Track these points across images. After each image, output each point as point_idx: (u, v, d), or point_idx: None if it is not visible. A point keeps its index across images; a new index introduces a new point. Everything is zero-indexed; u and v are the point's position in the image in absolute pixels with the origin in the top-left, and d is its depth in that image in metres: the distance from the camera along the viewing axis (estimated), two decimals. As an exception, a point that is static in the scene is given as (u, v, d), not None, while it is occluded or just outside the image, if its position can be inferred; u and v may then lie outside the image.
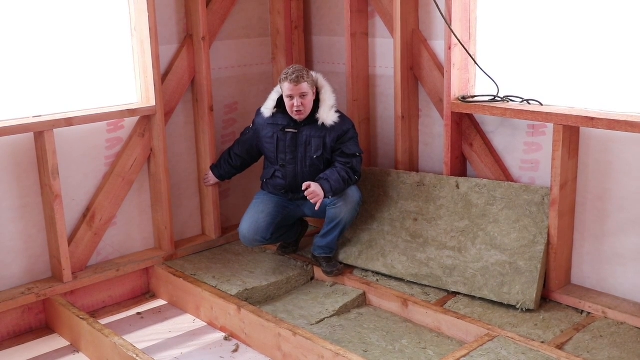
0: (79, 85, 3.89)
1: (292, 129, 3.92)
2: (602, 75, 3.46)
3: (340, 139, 3.89)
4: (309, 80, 3.81)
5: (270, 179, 4.08)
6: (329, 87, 3.95)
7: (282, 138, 3.94)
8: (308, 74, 3.84)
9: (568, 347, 3.19)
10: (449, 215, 3.90)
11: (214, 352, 3.56)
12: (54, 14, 3.74)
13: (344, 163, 3.89)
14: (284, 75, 3.81)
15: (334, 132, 3.87)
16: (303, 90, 3.78)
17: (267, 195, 4.11)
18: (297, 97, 3.79)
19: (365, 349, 3.36)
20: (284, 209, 4.08)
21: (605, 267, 3.57)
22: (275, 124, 3.97)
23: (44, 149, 3.64)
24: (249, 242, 4.01)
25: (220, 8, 4.36)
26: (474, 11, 3.87)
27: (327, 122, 3.86)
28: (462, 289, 3.70)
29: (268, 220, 3.99)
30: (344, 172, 3.85)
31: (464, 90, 3.95)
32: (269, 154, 4.06)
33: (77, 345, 3.61)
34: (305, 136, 3.90)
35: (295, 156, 3.94)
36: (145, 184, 4.23)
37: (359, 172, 3.94)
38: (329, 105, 3.89)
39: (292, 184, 4.01)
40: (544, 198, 3.62)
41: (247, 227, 3.99)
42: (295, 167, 3.97)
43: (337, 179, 3.82)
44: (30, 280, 3.85)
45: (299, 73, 3.78)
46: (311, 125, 3.90)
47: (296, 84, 3.76)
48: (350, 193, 3.92)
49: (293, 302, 3.90)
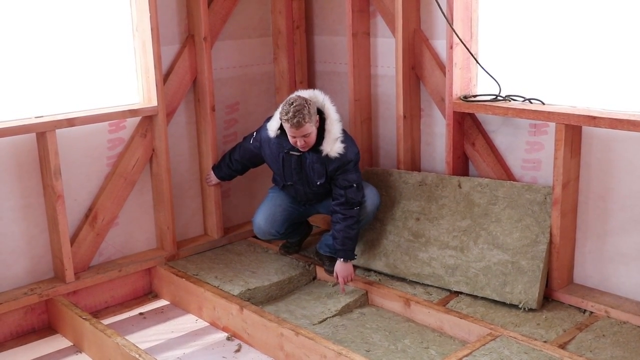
0: (81, 85, 3.89)
1: (296, 152, 3.81)
2: (604, 74, 3.46)
3: (340, 169, 3.77)
4: (310, 119, 3.59)
5: (282, 188, 4.08)
6: (335, 116, 3.76)
7: (287, 160, 3.87)
8: (309, 111, 3.58)
9: (570, 346, 3.19)
10: (451, 214, 3.90)
11: (217, 352, 3.56)
12: (56, 15, 3.74)
13: (338, 199, 3.78)
14: (285, 117, 3.59)
15: (336, 162, 3.74)
16: (305, 132, 3.61)
17: (282, 192, 4.10)
18: (300, 138, 3.64)
19: (367, 349, 3.36)
20: (299, 206, 4.10)
21: (608, 267, 3.56)
22: (280, 145, 3.86)
23: (46, 150, 3.65)
24: (264, 234, 4.06)
25: (221, 8, 4.36)
26: (475, 10, 3.86)
27: (330, 155, 3.73)
28: (464, 288, 3.70)
29: (284, 216, 4.04)
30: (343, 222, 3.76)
31: (466, 89, 3.95)
32: (276, 171, 4.03)
33: (79, 345, 3.61)
34: (309, 160, 3.81)
35: (302, 177, 3.89)
36: (147, 184, 4.24)
37: (356, 200, 3.79)
38: (333, 137, 3.71)
39: (303, 199, 4.04)
40: (546, 197, 3.61)
41: (263, 219, 4.01)
42: (304, 188, 3.94)
43: (342, 239, 3.77)
44: (33, 280, 3.85)
45: (299, 117, 3.54)
46: (315, 152, 3.77)
47: (297, 128, 3.58)
48: (371, 199, 3.92)
49: (295, 302, 3.90)
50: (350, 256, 3.84)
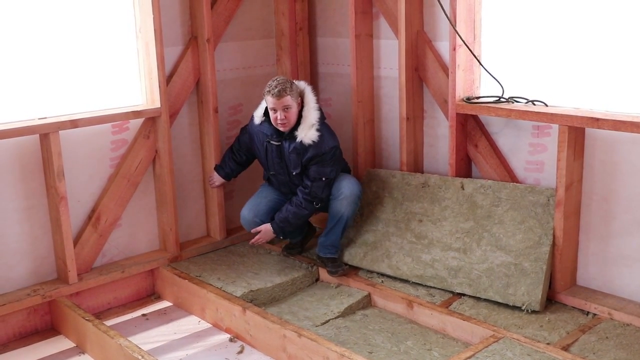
0: (84, 87, 3.90)
1: (275, 141, 3.91)
2: (607, 76, 3.45)
3: (313, 159, 3.82)
4: (292, 93, 3.75)
5: (268, 179, 4.20)
6: (314, 104, 3.86)
7: (269, 149, 3.96)
8: (292, 86, 3.77)
9: (574, 348, 3.18)
10: (454, 216, 3.89)
11: (219, 354, 3.56)
12: (59, 16, 3.75)
13: (303, 188, 3.88)
14: (267, 89, 3.76)
15: (310, 151, 3.81)
16: (286, 104, 3.73)
17: (270, 187, 4.21)
18: (281, 111, 3.75)
19: (370, 351, 3.36)
20: (285, 198, 4.14)
21: (611, 269, 3.56)
22: (262, 133, 3.98)
23: (50, 151, 3.65)
24: (247, 223, 4.12)
25: (224, 10, 4.36)
26: (478, 12, 3.86)
27: (305, 141, 3.80)
28: (467, 290, 3.69)
29: (269, 205, 4.11)
30: (296, 206, 3.89)
31: (469, 91, 3.95)
32: (261, 160, 4.14)
33: (82, 346, 3.62)
34: (287, 150, 3.89)
35: (282, 167, 3.98)
36: (150, 185, 4.24)
37: (319, 197, 3.86)
38: (309, 123, 3.81)
39: (286, 189, 4.10)
40: (549, 199, 3.61)
41: (247, 209, 4.13)
42: (285, 177, 4.02)
43: (284, 217, 3.92)
44: (36, 281, 3.86)
45: (281, 86, 3.71)
46: (292, 140, 3.85)
47: (278, 98, 3.70)
48: (349, 187, 3.94)
49: (298, 303, 3.90)
50: (279, 233, 4.02)
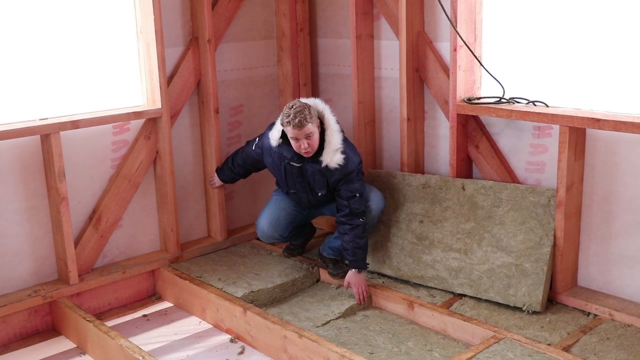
0: (85, 87, 3.90)
1: (296, 162, 3.78)
2: (608, 77, 3.45)
3: (341, 180, 3.73)
4: (312, 119, 3.58)
5: (285, 193, 4.08)
6: (336, 126, 3.73)
7: (289, 170, 3.84)
8: (310, 113, 3.57)
9: (574, 349, 3.18)
10: (454, 217, 3.89)
11: (220, 354, 3.56)
12: (60, 17, 3.75)
13: (341, 210, 3.76)
14: (286, 119, 3.56)
15: (337, 173, 3.71)
16: (307, 132, 3.57)
17: (287, 197, 4.08)
18: (303, 139, 3.60)
19: (371, 351, 3.36)
20: (303, 210, 4.09)
21: (612, 269, 3.55)
22: (281, 155, 3.83)
23: (50, 152, 3.66)
24: (267, 238, 4.05)
25: (225, 11, 4.36)
26: (479, 13, 3.86)
27: (330, 166, 3.70)
28: (468, 291, 3.69)
29: (289, 219, 4.03)
30: (351, 234, 3.73)
31: (470, 91, 3.95)
32: (279, 180, 4.02)
33: (83, 347, 3.62)
34: (310, 170, 3.77)
35: (304, 186, 3.88)
36: (151, 186, 4.24)
37: (360, 210, 3.76)
38: (333, 148, 3.68)
39: (306, 205, 4.03)
40: (550, 200, 3.61)
41: (267, 223, 4.01)
42: (307, 196, 3.93)
43: (353, 252, 3.75)
44: (37, 282, 3.86)
45: (301, 117, 3.52)
46: (315, 163, 3.74)
47: (300, 128, 3.55)
48: (376, 202, 3.91)
49: (299, 304, 3.90)
50: (363, 266, 3.81)
